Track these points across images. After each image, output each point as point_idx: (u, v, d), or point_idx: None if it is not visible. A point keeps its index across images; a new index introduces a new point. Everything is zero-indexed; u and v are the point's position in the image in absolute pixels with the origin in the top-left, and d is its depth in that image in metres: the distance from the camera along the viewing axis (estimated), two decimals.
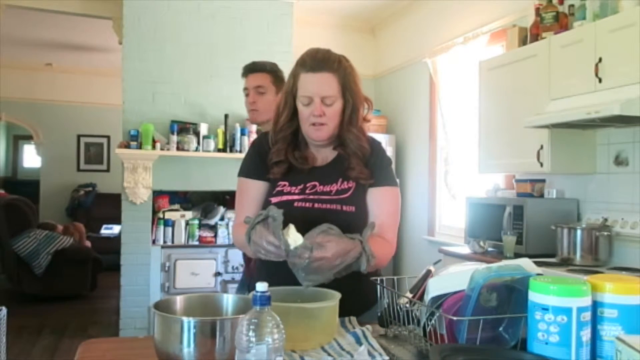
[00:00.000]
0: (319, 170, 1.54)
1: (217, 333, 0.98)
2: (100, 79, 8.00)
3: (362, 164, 1.52)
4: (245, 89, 2.37)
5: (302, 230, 1.26)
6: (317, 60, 1.45)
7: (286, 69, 1.52)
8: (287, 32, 4.62)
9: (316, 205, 1.47)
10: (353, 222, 1.41)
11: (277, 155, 1.52)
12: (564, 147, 2.99)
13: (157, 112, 4.32)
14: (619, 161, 2.92)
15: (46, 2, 4.65)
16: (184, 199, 4.64)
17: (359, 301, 1.38)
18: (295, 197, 1.48)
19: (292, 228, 1.24)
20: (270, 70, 2.35)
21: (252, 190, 1.55)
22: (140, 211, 4.25)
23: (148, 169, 4.21)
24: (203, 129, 4.32)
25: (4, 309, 2.47)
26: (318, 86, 1.44)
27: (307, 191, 1.49)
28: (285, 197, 1.49)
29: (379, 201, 1.52)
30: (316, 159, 1.56)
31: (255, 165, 1.56)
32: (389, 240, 1.50)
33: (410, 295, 1.22)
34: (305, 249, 1.20)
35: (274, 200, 1.49)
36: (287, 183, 1.51)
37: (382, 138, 5.05)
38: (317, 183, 1.50)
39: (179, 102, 4.41)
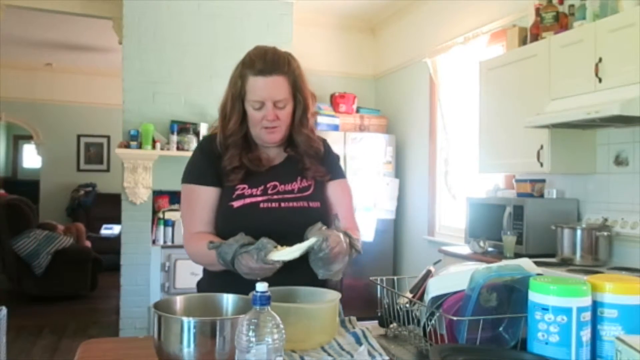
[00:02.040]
0: (277, 170, 1.53)
1: (217, 333, 0.98)
2: (100, 79, 8.00)
3: (316, 162, 1.54)
4: None
5: (273, 230, 1.32)
6: (267, 63, 1.41)
7: None
8: (287, 32, 4.62)
9: (282, 204, 1.47)
10: (320, 218, 1.42)
11: (231, 161, 1.48)
12: (564, 147, 2.99)
13: (157, 112, 4.33)
14: (619, 161, 2.92)
15: (46, 2, 4.65)
16: None
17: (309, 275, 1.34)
18: (259, 198, 1.46)
19: (275, 250, 1.25)
20: None
21: (203, 198, 1.49)
22: (140, 211, 4.25)
23: (148, 169, 4.22)
24: (203, 129, 4.32)
25: (4, 309, 2.47)
26: (270, 90, 1.41)
27: (270, 192, 1.48)
28: (248, 200, 1.46)
29: (338, 194, 1.57)
30: (269, 158, 1.54)
31: (205, 170, 1.50)
32: (356, 228, 1.55)
33: (410, 295, 1.22)
34: (323, 242, 1.24)
35: (236, 204, 1.45)
36: (246, 186, 1.48)
37: (382, 138, 5.06)
38: (277, 183, 1.50)
39: (179, 102, 4.41)
